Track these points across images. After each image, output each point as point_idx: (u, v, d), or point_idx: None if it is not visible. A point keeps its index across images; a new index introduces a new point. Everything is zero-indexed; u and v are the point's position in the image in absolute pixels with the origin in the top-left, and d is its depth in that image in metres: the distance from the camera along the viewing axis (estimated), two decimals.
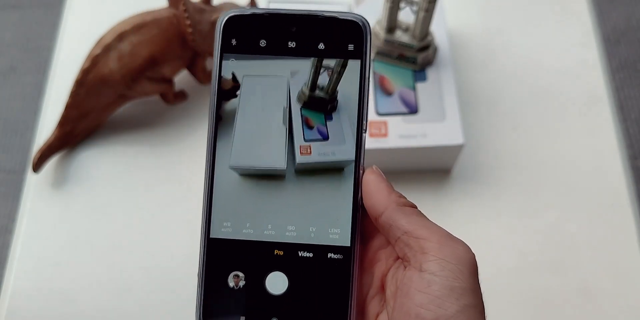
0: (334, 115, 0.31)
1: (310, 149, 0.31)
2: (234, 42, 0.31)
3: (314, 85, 0.31)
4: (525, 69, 0.63)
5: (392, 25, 0.55)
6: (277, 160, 0.31)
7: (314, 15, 0.30)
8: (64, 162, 0.58)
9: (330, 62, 0.31)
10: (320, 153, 0.31)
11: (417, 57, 0.55)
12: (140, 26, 0.54)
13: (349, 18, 0.30)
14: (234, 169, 0.31)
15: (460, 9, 0.66)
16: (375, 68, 0.56)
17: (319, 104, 0.31)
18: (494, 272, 0.53)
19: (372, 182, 0.30)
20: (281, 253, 0.30)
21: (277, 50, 0.31)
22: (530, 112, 0.61)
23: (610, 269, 0.53)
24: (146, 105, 0.61)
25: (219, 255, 0.31)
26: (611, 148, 0.58)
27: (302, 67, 0.31)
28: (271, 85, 0.31)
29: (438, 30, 0.57)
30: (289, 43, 0.31)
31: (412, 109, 0.54)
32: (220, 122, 0.31)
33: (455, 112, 0.53)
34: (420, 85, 0.55)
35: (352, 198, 0.31)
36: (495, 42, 0.64)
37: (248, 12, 0.31)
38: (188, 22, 0.54)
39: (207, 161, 0.31)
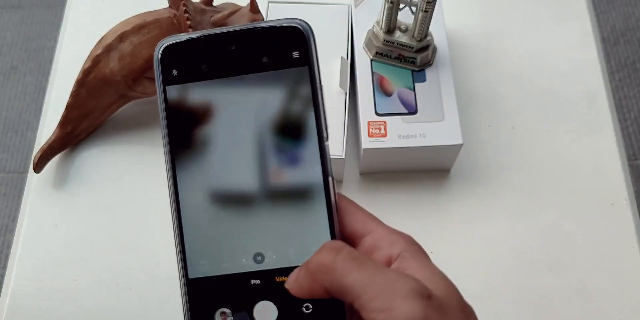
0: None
1: (283, 175, 0.29)
2: (174, 72, 0.29)
3: (304, 106, 0.29)
4: (524, 69, 0.63)
5: (391, 25, 0.55)
6: (249, 184, 0.29)
7: (251, 29, 0.29)
8: (65, 162, 0.59)
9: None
10: (293, 178, 0.29)
11: (416, 57, 0.55)
12: (141, 26, 0.54)
13: (288, 24, 0.29)
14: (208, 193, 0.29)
15: (459, 9, 0.66)
16: (375, 68, 0.56)
17: (294, 127, 0.29)
18: (493, 271, 0.53)
19: (291, 286, 0.28)
20: (264, 281, 0.29)
21: (220, 73, 0.29)
22: (529, 112, 0.61)
23: (609, 269, 0.53)
24: (147, 105, 0.61)
25: (202, 295, 0.29)
26: (610, 148, 0.59)
27: (288, 83, 0.29)
28: (241, 105, 0.29)
29: (437, 30, 0.58)
30: (232, 63, 0.29)
31: (411, 109, 0.54)
32: (177, 151, 0.29)
33: (454, 112, 0.54)
34: (419, 86, 0.55)
35: (326, 213, 0.29)
36: (494, 43, 0.65)
37: (183, 39, 0.29)
38: (189, 22, 0.54)
39: (170, 196, 0.29)
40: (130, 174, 0.58)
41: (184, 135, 0.29)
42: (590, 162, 0.58)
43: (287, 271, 0.28)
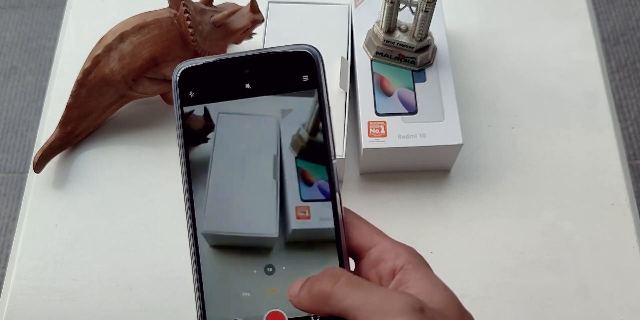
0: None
1: (308, 211, 0.29)
2: (191, 94, 0.31)
3: (315, 127, 0.30)
4: (524, 69, 0.63)
5: (391, 25, 0.55)
6: (265, 225, 0.29)
7: (264, 54, 0.30)
8: (65, 162, 0.59)
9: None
10: (322, 217, 0.29)
11: (416, 57, 0.55)
12: (141, 26, 0.54)
13: (298, 50, 0.30)
14: (207, 235, 0.28)
15: (459, 9, 0.66)
16: (375, 68, 0.56)
17: (321, 153, 0.29)
18: (493, 271, 0.53)
19: (293, 301, 0.29)
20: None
21: (234, 95, 0.30)
22: (529, 112, 0.61)
23: (609, 268, 0.53)
24: (147, 105, 0.61)
25: None
26: (610, 147, 0.59)
27: (299, 105, 0.30)
28: (255, 127, 0.30)
29: (437, 30, 0.58)
30: (245, 85, 0.30)
31: (411, 109, 0.54)
32: (194, 180, 0.30)
33: (454, 112, 0.54)
34: (419, 86, 0.55)
35: (334, 227, 0.30)
36: (494, 43, 0.65)
37: (200, 63, 0.31)
38: (189, 22, 0.54)
39: (190, 242, 0.30)
40: (130, 174, 0.58)
41: (200, 154, 0.31)
42: (590, 162, 0.58)
43: None
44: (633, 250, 0.54)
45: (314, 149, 0.29)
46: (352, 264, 0.31)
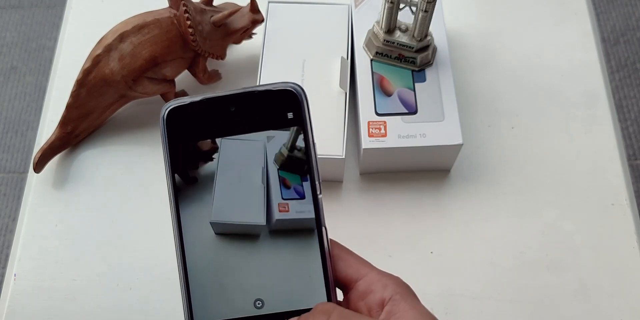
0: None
1: (288, 206, 0.32)
2: (179, 132, 0.32)
3: (293, 146, 0.32)
4: (524, 69, 0.63)
5: (391, 25, 0.55)
6: (256, 216, 0.32)
7: (250, 92, 0.31)
8: (65, 162, 0.59)
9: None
10: (297, 211, 0.32)
11: (416, 57, 0.55)
12: (141, 26, 0.54)
13: (283, 88, 0.31)
14: (215, 224, 0.32)
15: (459, 9, 0.66)
16: (375, 68, 0.56)
17: (297, 165, 0.32)
18: (493, 271, 0.53)
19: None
20: None
21: (221, 132, 0.32)
22: (529, 112, 0.61)
23: (609, 269, 0.53)
24: (147, 105, 0.61)
25: None
26: (610, 148, 0.59)
27: (281, 132, 0.32)
28: (248, 148, 0.32)
29: (437, 30, 0.58)
30: (232, 123, 0.32)
31: (411, 109, 0.54)
32: (181, 202, 0.32)
33: (454, 112, 0.54)
34: (419, 86, 0.55)
35: (320, 261, 0.31)
36: (494, 43, 0.65)
37: (187, 102, 0.32)
38: (189, 22, 0.54)
39: (176, 248, 0.32)
40: (130, 174, 0.58)
41: (189, 190, 0.32)
42: (590, 162, 0.58)
43: (286, 315, 0.31)
44: (633, 250, 0.54)
45: (291, 163, 0.32)
46: (339, 294, 0.32)
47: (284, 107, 0.32)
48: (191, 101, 0.32)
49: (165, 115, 0.32)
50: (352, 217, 0.55)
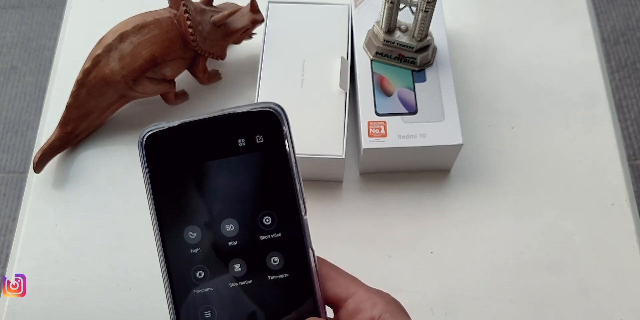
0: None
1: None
2: (159, 158, 0.32)
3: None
4: (524, 69, 0.63)
5: (391, 25, 0.55)
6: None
7: (228, 115, 0.31)
8: (65, 162, 0.59)
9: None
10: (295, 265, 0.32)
11: (416, 57, 0.55)
12: (141, 26, 0.54)
13: (262, 109, 0.31)
14: None
15: (459, 9, 0.66)
16: (375, 68, 0.56)
17: (291, 209, 0.32)
18: (493, 271, 0.53)
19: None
20: None
21: (202, 157, 0.31)
22: (529, 112, 0.61)
23: (609, 269, 0.53)
24: (147, 105, 0.61)
25: None
26: (610, 148, 0.59)
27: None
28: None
29: (437, 30, 0.58)
30: (212, 147, 0.31)
31: (411, 109, 0.54)
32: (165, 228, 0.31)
33: (454, 112, 0.54)
34: (419, 86, 0.55)
35: (308, 282, 0.31)
36: (494, 43, 0.65)
37: (165, 127, 0.31)
38: (189, 22, 0.54)
39: (163, 275, 0.32)
40: (131, 174, 0.58)
41: (172, 215, 0.31)
42: (590, 162, 0.58)
43: None
44: (633, 250, 0.54)
45: (278, 204, 0.32)
46: (329, 312, 0.32)
47: (264, 129, 0.31)
48: (169, 126, 0.31)
49: (143, 142, 0.32)
50: (352, 217, 0.55)
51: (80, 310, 0.52)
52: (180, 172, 0.31)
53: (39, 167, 0.57)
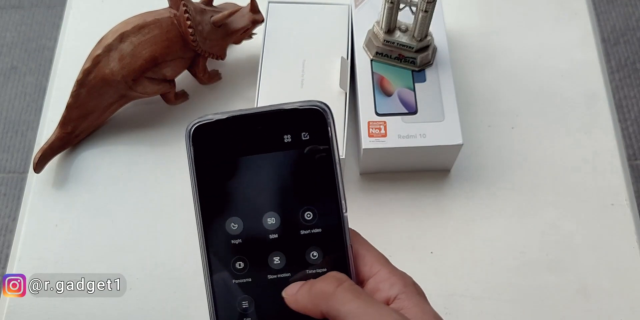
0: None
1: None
2: (205, 150, 0.32)
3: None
4: (524, 69, 0.63)
5: (391, 25, 0.55)
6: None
7: (276, 110, 0.31)
8: (65, 162, 0.59)
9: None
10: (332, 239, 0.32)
11: (416, 57, 0.55)
12: (141, 27, 0.54)
13: (310, 107, 0.31)
14: None
15: (459, 9, 0.66)
16: (375, 68, 0.56)
17: (332, 208, 0.33)
18: (493, 271, 0.53)
19: (290, 300, 0.31)
20: None
21: (248, 151, 0.31)
22: (529, 112, 0.61)
23: (609, 269, 0.53)
24: (147, 105, 0.61)
25: None
26: (610, 148, 0.59)
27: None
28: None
29: (437, 30, 0.58)
30: (258, 141, 0.31)
31: (411, 109, 0.54)
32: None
33: (454, 112, 0.54)
34: (419, 86, 0.55)
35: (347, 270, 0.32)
36: (494, 43, 0.65)
37: (213, 119, 0.31)
38: (189, 22, 0.54)
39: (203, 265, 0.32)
40: (130, 174, 0.58)
41: (215, 206, 0.32)
42: (590, 162, 0.58)
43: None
44: (633, 250, 0.54)
45: (320, 201, 0.32)
46: None
47: (311, 126, 0.31)
48: (217, 118, 0.31)
49: (191, 133, 0.31)
50: (352, 217, 0.55)
51: (80, 310, 0.52)
52: (225, 164, 0.32)
53: (39, 167, 0.57)
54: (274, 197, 0.32)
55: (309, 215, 0.32)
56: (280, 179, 0.32)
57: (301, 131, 0.31)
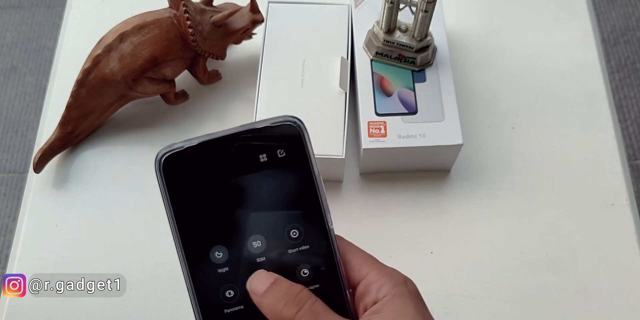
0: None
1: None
2: (178, 179, 0.30)
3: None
4: (524, 69, 0.63)
5: (391, 25, 0.55)
6: None
7: (248, 130, 0.30)
8: (65, 162, 0.59)
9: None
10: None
11: (416, 57, 0.55)
12: (141, 27, 0.54)
13: (282, 123, 0.30)
14: None
15: (459, 9, 0.66)
16: (375, 68, 0.56)
17: (317, 223, 0.32)
18: (493, 271, 0.53)
19: (254, 298, 0.30)
20: None
21: (223, 175, 0.30)
22: (529, 112, 0.61)
23: (609, 269, 0.53)
24: (147, 105, 0.61)
25: None
26: (610, 147, 0.59)
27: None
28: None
29: (437, 30, 0.58)
30: (233, 164, 0.30)
31: (411, 109, 0.54)
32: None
33: (454, 112, 0.54)
34: (419, 86, 0.55)
35: (339, 293, 0.31)
36: (494, 43, 0.65)
37: (183, 147, 0.30)
38: (189, 22, 0.54)
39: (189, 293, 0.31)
40: (130, 173, 0.58)
41: (196, 236, 0.31)
42: (590, 162, 0.58)
43: None
44: (633, 250, 0.54)
45: (303, 217, 0.31)
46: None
47: (284, 143, 0.30)
48: (186, 146, 0.30)
49: (161, 164, 0.30)
50: (352, 217, 0.55)
51: (80, 310, 0.52)
52: (201, 191, 0.30)
53: (39, 167, 0.57)
54: (257, 220, 0.31)
55: (294, 234, 0.31)
56: (260, 200, 0.31)
57: (276, 149, 0.30)
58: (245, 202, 0.31)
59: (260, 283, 0.30)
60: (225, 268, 0.31)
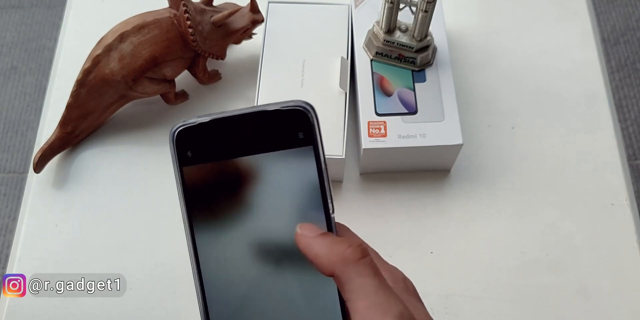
0: None
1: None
2: (189, 153, 0.31)
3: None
4: (524, 69, 0.63)
5: (391, 25, 0.55)
6: None
7: (259, 112, 0.31)
8: (65, 161, 0.59)
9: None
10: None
11: (416, 57, 0.55)
12: (141, 27, 0.54)
13: (293, 107, 0.31)
14: None
15: (459, 9, 0.66)
16: (375, 68, 0.56)
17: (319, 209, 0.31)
18: (493, 271, 0.53)
19: (303, 239, 0.30)
20: None
21: (231, 153, 0.31)
22: (529, 112, 0.61)
23: (609, 269, 0.53)
24: (147, 105, 0.61)
25: None
26: (610, 147, 0.59)
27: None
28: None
29: (437, 30, 0.58)
30: (241, 143, 0.31)
31: (411, 109, 0.54)
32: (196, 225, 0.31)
33: (454, 112, 0.54)
34: (419, 86, 0.55)
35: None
36: (494, 43, 0.65)
37: (196, 123, 0.31)
38: (189, 22, 0.54)
39: (193, 273, 0.31)
40: (130, 174, 0.58)
41: (203, 213, 0.31)
42: (590, 162, 0.58)
43: None
44: (633, 250, 0.54)
45: (306, 202, 0.32)
46: None
47: (294, 127, 0.31)
48: (199, 122, 0.31)
49: (174, 137, 0.32)
50: (352, 217, 0.55)
51: (80, 310, 0.52)
52: (209, 166, 0.31)
53: (39, 167, 0.57)
54: (261, 201, 0.31)
55: (297, 217, 0.31)
56: (266, 181, 0.31)
57: (285, 132, 0.31)
58: (250, 182, 0.31)
59: (309, 228, 0.30)
60: (229, 247, 0.31)
